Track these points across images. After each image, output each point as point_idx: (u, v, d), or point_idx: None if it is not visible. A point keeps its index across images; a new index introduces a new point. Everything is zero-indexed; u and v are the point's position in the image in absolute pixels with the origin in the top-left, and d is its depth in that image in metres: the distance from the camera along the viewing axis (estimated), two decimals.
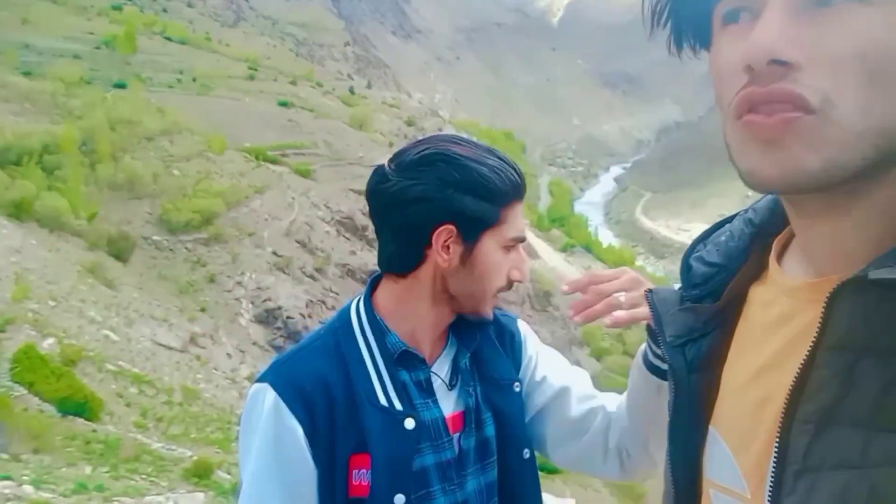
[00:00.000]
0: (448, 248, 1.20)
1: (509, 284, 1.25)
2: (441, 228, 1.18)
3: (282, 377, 1.18)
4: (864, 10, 0.54)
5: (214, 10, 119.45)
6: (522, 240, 1.26)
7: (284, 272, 38.58)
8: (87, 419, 18.48)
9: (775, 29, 0.56)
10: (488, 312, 1.27)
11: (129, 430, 19.07)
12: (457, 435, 1.26)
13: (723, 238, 0.83)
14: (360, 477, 1.15)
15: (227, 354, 31.01)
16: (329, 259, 41.01)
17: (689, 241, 0.87)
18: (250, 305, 35.87)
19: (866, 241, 0.61)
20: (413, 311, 1.25)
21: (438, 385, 1.26)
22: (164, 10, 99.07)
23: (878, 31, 0.54)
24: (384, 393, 1.19)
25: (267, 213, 43.13)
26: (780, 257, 0.75)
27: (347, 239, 44.18)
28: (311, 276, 39.50)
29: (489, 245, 1.21)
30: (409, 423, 1.18)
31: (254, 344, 33.99)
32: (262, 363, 31.91)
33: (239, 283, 36.64)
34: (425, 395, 1.23)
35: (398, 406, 1.19)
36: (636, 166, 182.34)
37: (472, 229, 1.20)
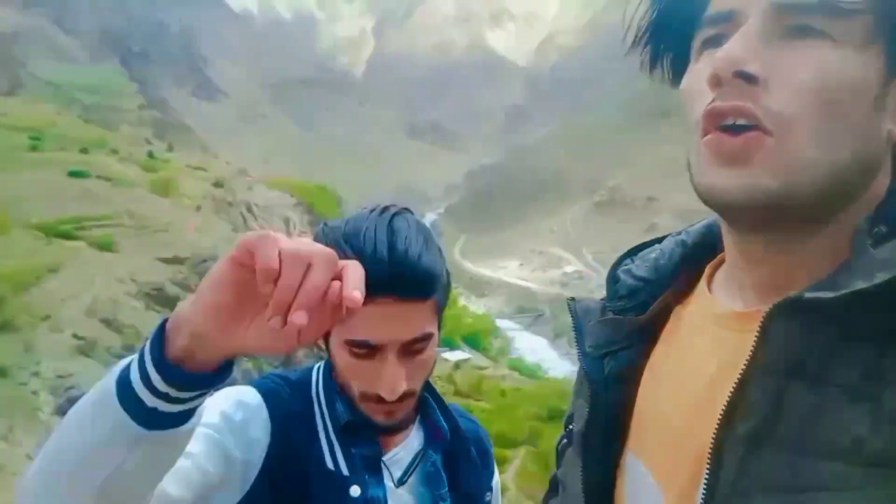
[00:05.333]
0: None
1: (376, 397, 1.02)
2: None
3: (269, 392, 1.09)
4: (830, 46, 0.57)
5: None
6: (360, 344, 1.00)
7: (88, 356, 35.54)
8: None
9: (743, 44, 0.59)
10: (376, 419, 1.06)
11: None
12: None
13: (653, 255, 0.83)
14: None
15: (27, 456, 27.79)
16: (139, 336, 38.37)
17: (506, 278, 0.85)
18: (50, 398, 32.53)
19: (807, 276, 0.62)
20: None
21: (385, 476, 1.11)
22: None
23: (841, 68, 0.57)
24: (332, 457, 1.07)
25: (64, 294, 39.63)
26: (709, 283, 0.75)
27: (158, 311, 41.60)
28: (120, 357, 36.00)
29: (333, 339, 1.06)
30: (355, 491, 1.04)
31: None
32: None
33: (35, 374, 33.18)
34: (373, 472, 1.08)
35: (345, 472, 1.06)
36: (449, 211, 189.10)
37: None
